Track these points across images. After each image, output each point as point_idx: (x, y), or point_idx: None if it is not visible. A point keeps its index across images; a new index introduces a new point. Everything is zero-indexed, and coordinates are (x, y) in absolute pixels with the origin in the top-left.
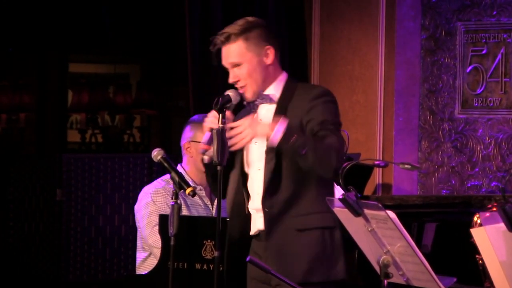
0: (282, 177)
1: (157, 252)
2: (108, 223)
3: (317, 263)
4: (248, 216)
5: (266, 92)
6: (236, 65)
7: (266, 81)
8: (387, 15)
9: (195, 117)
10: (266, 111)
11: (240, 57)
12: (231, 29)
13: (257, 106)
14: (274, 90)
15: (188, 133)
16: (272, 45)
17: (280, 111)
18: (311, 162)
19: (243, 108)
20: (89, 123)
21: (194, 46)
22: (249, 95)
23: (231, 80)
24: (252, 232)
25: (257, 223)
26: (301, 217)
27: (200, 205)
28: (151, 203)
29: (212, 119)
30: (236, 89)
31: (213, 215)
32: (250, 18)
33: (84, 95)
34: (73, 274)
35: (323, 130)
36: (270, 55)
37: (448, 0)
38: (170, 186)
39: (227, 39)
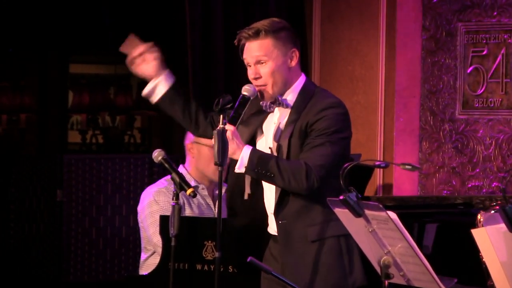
0: None
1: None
2: (108, 223)
3: (335, 272)
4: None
5: (284, 96)
6: (260, 62)
7: (286, 84)
8: (387, 16)
9: None
10: (281, 115)
11: (267, 54)
12: (260, 25)
13: (273, 107)
14: (291, 94)
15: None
16: (297, 48)
17: (294, 117)
18: (280, 185)
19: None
20: (90, 124)
21: (194, 47)
22: (267, 95)
23: (251, 76)
24: (271, 232)
25: (273, 226)
26: (315, 227)
27: (203, 204)
28: (154, 202)
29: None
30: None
31: (215, 214)
32: (277, 19)
33: (84, 96)
34: (73, 275)
35: (313, 142)
36: (295, 58)
37: (449, 0)
38: (173, 186)
39: (256, 34)
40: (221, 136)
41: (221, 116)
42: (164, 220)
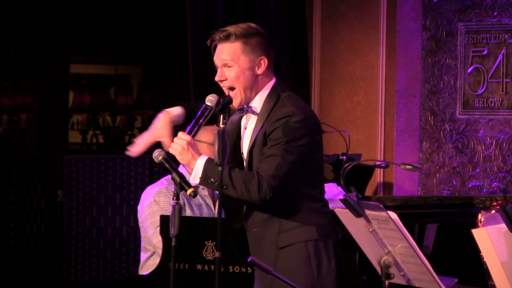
0: None
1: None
2: (109, 224)
3: (302, 277)
4: None
5: (252, 103)
6: (227, 65)
7: (253, 89)
8: (388, 16)
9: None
10: (249, 121)
11: (234, 58)
12: (233, 29)
13: (247, 112)
14: (258, 101)
15: None
16: (267, 56)
17: (258, 125)
18: (234, 195)
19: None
20: (90, 124)
21: (195, 47)
22: (236, 102)
23: (217, 78)
24: None
25: None
26: (284, 233)
27: (203, 205)
28: (154, 203)
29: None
30: (221, 92)
31: (215, 215)
32: (253, 25)
33: (85, 96)
34: (74, 275)
35: (267, 152)
36: (262, 66)
37: (449, 0)
38: (173, 186)
39: (227, 38)
40: (221, 136)
41: (221, 116)
42: (164, 220)
